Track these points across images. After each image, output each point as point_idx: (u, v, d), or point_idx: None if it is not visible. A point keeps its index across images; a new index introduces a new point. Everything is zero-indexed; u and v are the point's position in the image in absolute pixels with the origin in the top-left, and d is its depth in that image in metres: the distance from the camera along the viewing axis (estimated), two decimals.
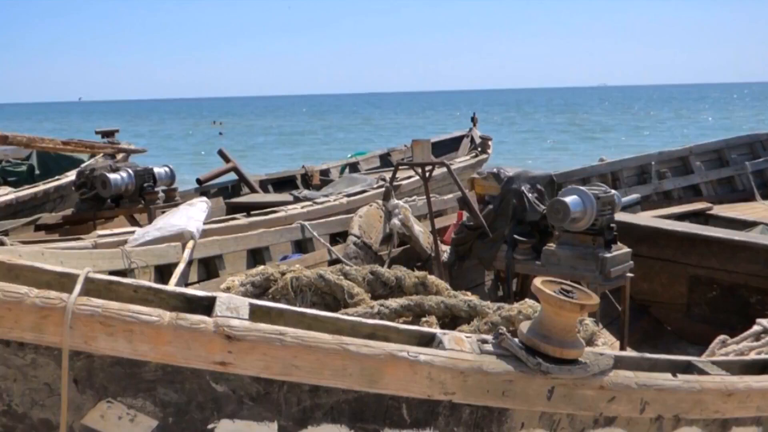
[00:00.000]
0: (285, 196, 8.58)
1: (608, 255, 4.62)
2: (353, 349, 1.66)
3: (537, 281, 1.82)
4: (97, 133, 10.26)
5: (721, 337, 3.38)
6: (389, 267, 3.94)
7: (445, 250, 5.57)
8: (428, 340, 1.84)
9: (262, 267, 3.03)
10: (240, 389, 1.67)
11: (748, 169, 8.40)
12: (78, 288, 1.57)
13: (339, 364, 1.66)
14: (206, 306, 1.71)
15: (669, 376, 1.94)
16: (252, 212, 5.82)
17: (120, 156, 9.27)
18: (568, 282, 1.85)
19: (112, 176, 6.69)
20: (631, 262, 4.84)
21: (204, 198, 5.22)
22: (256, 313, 1.72)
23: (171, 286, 1.80)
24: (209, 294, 1.73)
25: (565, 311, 1.76)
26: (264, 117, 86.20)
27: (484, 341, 1.83)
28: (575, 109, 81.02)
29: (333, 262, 4.84)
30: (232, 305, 1.68)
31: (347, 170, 11.15)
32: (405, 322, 2.82)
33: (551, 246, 4.85)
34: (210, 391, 1.66)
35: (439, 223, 5.95)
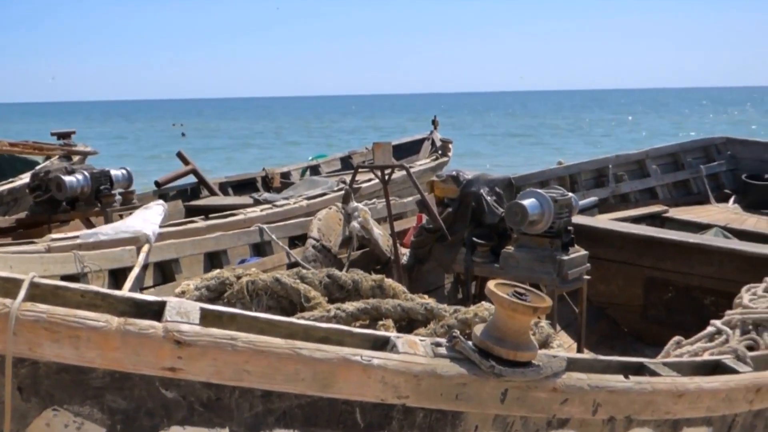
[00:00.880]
0: (245, 199, 8.52)
1: (565, 257, 4.66)
2: (306, 353, 1.64)
3: (491, 284, 1.82)
4: (52, 134, 10.10)
5: (676, 338, 3.43)
6: (348, 270, 3.93)
7: (405, 253, 5.57)
8: (382, 344, 1.83)
9: (217, 271, 2.99)
10: (190, 395, 1.65)
11: (702, 172, 8.55)
12: (22, 293, 1.52)
13: (291, 369, 1.64)
14: (156, 311, 1.68)
15: (621, 377, 1.95)
16: (211, 215, 5.77)
17: (76, 158, 9.13)
18: (522, 285, 1.85)
19: (67, 178, 6.57)
20: (588, 265, 4.89)
21: (160, 201, 5.16)
22: (207, 318, 1.70)
23: (120, 291, 1.76)
24: (159, 299, 1.70)
25: (518, 314, 1.77)
26: (228, 119, 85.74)
27: (438, 344, 1.82)
28: (535, 113, 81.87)
29: (292, 265, 4.82)
30: (183, 310, 1.65)
31: (308, 173, 11.11)
32: (362, 326, 2.81)
33: (510, 249, 4.88)
34: (159, 398, 1.63)
35: (399, 225, 5.95)
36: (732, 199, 8.31)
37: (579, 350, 5.02)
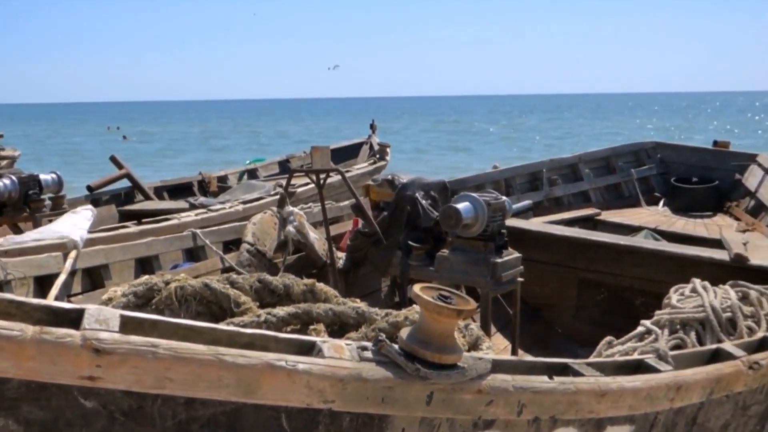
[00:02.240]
0: (181, 204, 8.43)
1: (499, 260, 4.71)
2: (229, 359, 1.63)
3: (416, 288, 1.83)
4: None
5: (608, 338, 3.50)
6: (283, 274, 3.90)
7: (341, 256, 5.57)
8: (308, 349, 1.82)
9: (146, 277, 2.93)
10: (111, 404, 1.61)
11: (633, 176, 8.73)
12: None
13: (215, 375, 1.62)
14: (74, 319, 1.64)
15: (545, 378, 1.98)
16: (144, 220, 5.68)
17: (4, 162, 8.89)
18: (447, 288, 1.87)
19: None
20: (522, 267, 4.94)
21: (89, 206, 5.05)
22: (128, 325, 1.67)
23: (37, 299, 1.72)
24: (77, 306, 1.66)
25: (442, 317, 1.78)
26: (169, 122, 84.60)
27: (364, 348, 1.82)
28: (469, 117, 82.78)
29: (226, 270, 4.77)
30: (102, 317, 1.62)
31: (245, 177, 11.03)
32: (293, 330, 2.80)
33: (444, 252, 4.91)
34: (78, 408, 1.60)
35: (336, 229, 5.95)
36: (662, 202, 8.51)
37: (513, 352, 5.08)
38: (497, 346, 5.43)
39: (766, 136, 41.06)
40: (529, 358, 4.24)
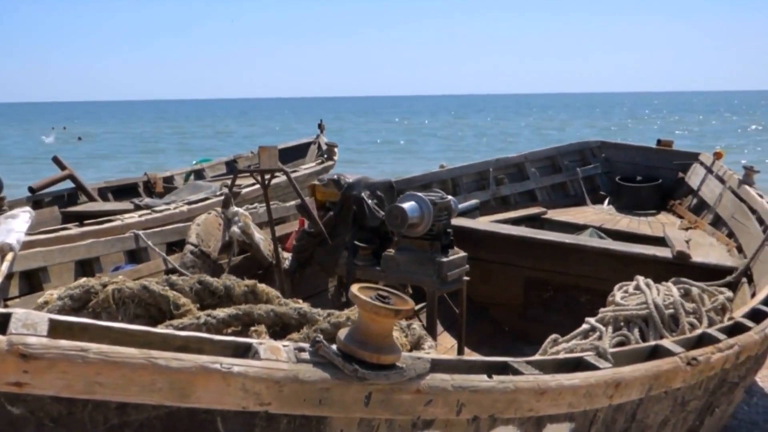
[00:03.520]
0: (125, 205, 8.30)
1: (445, 259, 4.72)
2: (162, 362, 1.60)
3: (354, 288, 1.82)
4: None
5: (553, 336, 3.53)
6: (228, 276, 3.85)
7: (287, 257, 5.53)
8: (244, 351, 1.80)
9: (83, 279, 2.87)
10: (39, 410, 1.57)
11: (579, 175, 8.85)
12: None
13: (147, 379, 1.59)
14: (0, 324, 1.59)
15: (484, 377, 1.98)
16: (86, 221, 5.57)
17: None
18: (385, 288, 1.86)
19: None
20: (467, 266, 4.96)
21: (27, 208, 4.93)
22: (57, 329, 1.62)
23: None
24: (3, 310, 1.61)
25: (380, 317, 1.77)
26: (120, 122, 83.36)
27: (302, 350, 1.81)
28: (420, 116, 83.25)
29: (170, 271, 4.69)
30: (29, 321, 1.57)
31: (192, 177, 10.91)
32: (234, 332, 2.76)
33: (390, 251, 4.91)
34: (5, 415, 1.55)
35: (282, 230, 5.91)
36: (607, 201, 8.63)
37: (460, 350, 5.10)
38: (444, 345, 5.44)
39: (692, 136, 42.10)
40: (475, 357, 4.26)
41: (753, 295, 4.01)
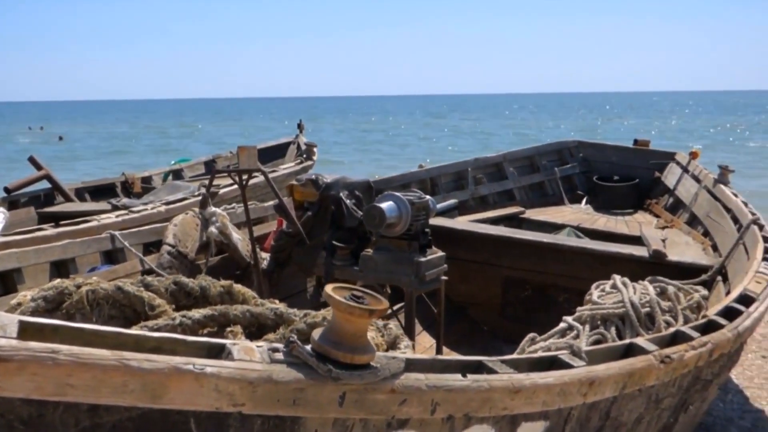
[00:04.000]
0: (102, 205, 8.25)
1: (423, 259, 4.73)
2: (134, 364, 1.59)
3: (328, 288, 1.82)
4: None
5: (531, 335, 3.54)
6: (205, 276, 3.84)
7: (265, 257, 5.52)
8: (218, 351, 1.79)
9: (57, 280, 2.84)
10: (9, 413, 1.56)
11: (557, 174, 8.90)
12: None
13: (119, 381, 1.58)
14: None
15: (459, 376, 1.99)
16: (62, 222, 5.52)
17: None
18: (360, 287, 1.86)
19: None
20: (446, 266, 4.97)
21: (1, 209, 4.89)
22: (27, 331, 1.61)
23: None
24: None
25: (354, 317, 1.77)
26: (98, 122, 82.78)
27: (276, 350, 1.80)
28: (400, 116, 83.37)
29: (146, 272, 4.66)
30: None
31: (170, 177, 10.86)
32: (210, 333, 2.75)
33: (369, 251, 4.91)
34: None
35: (260, 230, 5.89)
36: (584, 200, 8.68)
37: (438, 350, 5.11)
38: (423, 345, 5.46)
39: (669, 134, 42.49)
40: (453, 356, 4.27)
41: (728, 293, 4.05)
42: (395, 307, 5.42)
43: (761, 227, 4.94)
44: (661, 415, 3.02)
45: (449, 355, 5.17)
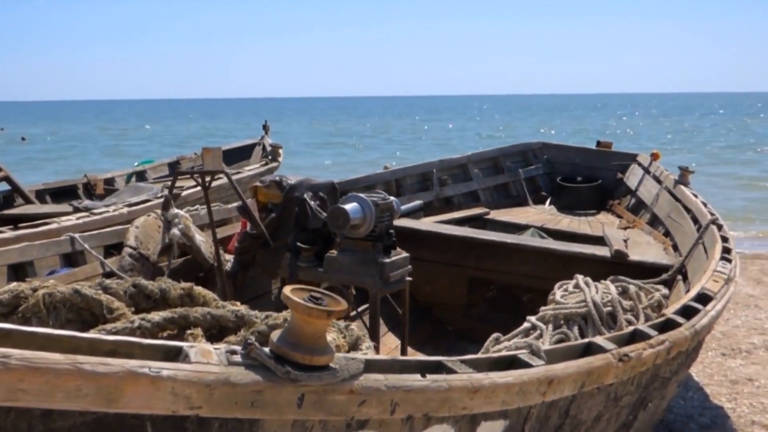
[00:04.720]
0: (64, 207, 8.13)
1: (387, 260, 4.74)
2: (88, 368, 1.56)
3: (286, 289, 1.81)
4: None
5: (495, 334, 3.57)
6: (168, 278, 3.80)
7: (229, 259, 5.49)
8: (175, 354, 1.77)
9: (13, 284, 2.79)
10: None
11: (521, 175, 8.97)
12: None
13: (72, 385, 1.56)
14: None
15: (418, 376, 1.99)
16: (20, 224, 5.44)
17: None
18: (318, 289, 1.86)
19: None
20: (410, 266, 4.99)
21: None
22: None
23: None
24: None
25: (312, 318, 1.76)
26: (62, 122, 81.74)
27: (234, 352, 1.79)
28: (369, 118, 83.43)
29: (108, 275, 4.61)
30: None
31: (134, 179, 10.75)
32: (170, 336, 2.73)
33: (333, 253, 4.90)
34: None
35: (223, 232, 5.85)
36: (548, 201, 8.76)
37: (403, 351, 5.12)
38: (388, 346, 5.46)
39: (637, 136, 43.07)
40: (418, 357, 4.27)
41: (687, 292, 4.11)
42: (360, 309, 5.42)
43: (720, 227, 5.03)
44: (620, 413, 3.05)
45: (414, 355, 5.18)
